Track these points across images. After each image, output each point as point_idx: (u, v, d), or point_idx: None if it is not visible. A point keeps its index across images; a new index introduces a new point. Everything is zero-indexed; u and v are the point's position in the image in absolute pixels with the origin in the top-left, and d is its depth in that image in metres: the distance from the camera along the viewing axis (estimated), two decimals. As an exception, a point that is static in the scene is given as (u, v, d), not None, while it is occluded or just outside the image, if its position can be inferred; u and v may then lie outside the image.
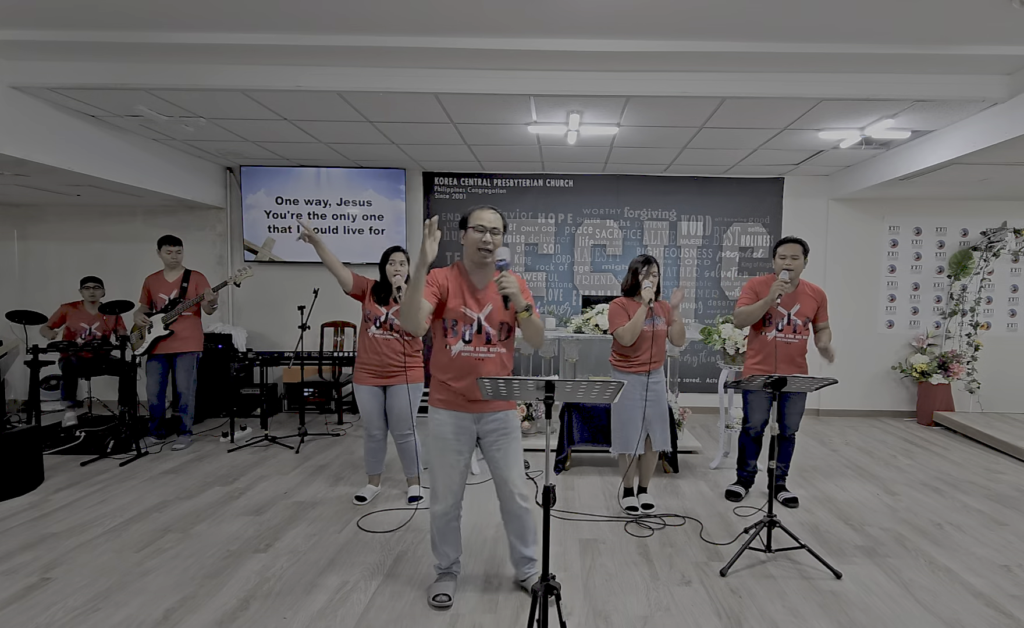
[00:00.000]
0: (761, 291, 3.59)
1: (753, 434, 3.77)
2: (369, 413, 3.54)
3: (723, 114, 4.25)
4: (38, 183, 5.08)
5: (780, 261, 3.53)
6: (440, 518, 2.53)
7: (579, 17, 3.15)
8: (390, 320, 3.46)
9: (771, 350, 3.57)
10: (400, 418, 3.53)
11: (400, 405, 3.50)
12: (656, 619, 2.43)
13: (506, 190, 6.44)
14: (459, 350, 2.42)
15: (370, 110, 4.35)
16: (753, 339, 3.70)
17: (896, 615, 2.49)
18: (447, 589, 2.55)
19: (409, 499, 3.66)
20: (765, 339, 3.61)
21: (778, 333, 3.57)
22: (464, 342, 2.42)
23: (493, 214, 2.41)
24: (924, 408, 6.09)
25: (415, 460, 3.67)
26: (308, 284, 6.09)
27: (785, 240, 3.55)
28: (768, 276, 3.66)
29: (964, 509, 3.70)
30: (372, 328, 3.48)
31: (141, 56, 3.63)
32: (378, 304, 3.49)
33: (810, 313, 3.59)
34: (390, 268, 3.43)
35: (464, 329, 2.42)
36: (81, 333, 5.24)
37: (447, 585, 2.58)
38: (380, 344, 3.46)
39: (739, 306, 3.65)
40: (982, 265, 6.17)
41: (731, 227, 6.41)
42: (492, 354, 2.43)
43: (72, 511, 3.45)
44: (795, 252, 3.49)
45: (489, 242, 2.38)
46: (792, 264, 3.48)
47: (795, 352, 3.58)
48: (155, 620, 2.36)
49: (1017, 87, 3.67)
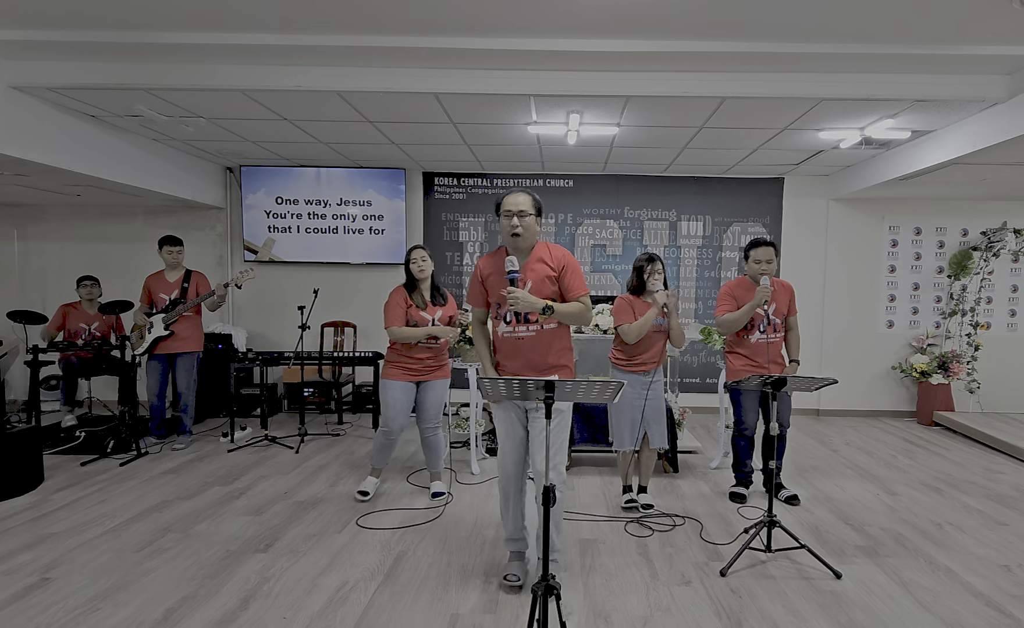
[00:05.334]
0: (738, 294, 3.63)
1: (748, 435, 3.77)
2: (397, 408, 3.57)
3: (723, 114, 4.25)
4: (38, 183, 5.08)
5: (755, 265, 3.57)
6: (503, 491, 2.63)
7: (579, 17, 3.15)
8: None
9: (760, 351, 3.60)
10: (433, 412, 3.64)
11: (435, 399, 3.63)
12: (656, 619, 2.43)
13: (506, 190, 6.42)
14: (502, 332, 2.54)
15: (370, 110, 4.35)
16: (737, 343, 3.72)
17: (896, 615, 2.49)
18: (516, 571, 2.64)
19: (432, 495, 3.69)
20: (751, 342, 3.65)
21: (761, 335, 3.61)
22: (505, 323, 2.53)
23: (522, 196, 2.50)
24: (924, 408, 6.09)
25: (441, 453, 3.76)
26: (308, 284, 6.10)
27: (758, 243, 3.60)
28: (742, 279, 3.69)
29: (964, 509, 3.70)
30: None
31: (141, 56, 3.63)
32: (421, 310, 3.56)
33: (785, 310, 3.67)
34: (413, 266, 3.55)
35: (505, 311, 2.52)
36: (81, 334, 5.24)
37: (517, 566, 2.66)
38: (414, 351, 3.57)
39: (720, 314, 3.67)
40: (982, 265, 6.17)
41: (731, 227, 6.41)
42: (531, 332, 2.50)
43: (72, 511, 3.45)
44: (769, 255, 3.56)
45: (517, 225, 2.46)
46: (767, 268, 3.54)
47: (777, 349, 3.65)
48: (155, 620, 2.36)
49: (1017, 87, 3.67)
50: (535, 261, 2.53)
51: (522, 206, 2.46)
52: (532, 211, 2.49)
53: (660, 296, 3.29)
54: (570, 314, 2.49)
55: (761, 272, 3.53)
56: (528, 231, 2.48)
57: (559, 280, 2.53)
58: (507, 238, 2.50)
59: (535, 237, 2.55)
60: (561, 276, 2.53)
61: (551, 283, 2.51)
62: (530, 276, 2.50)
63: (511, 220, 2.46)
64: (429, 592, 2.61)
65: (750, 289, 3.61)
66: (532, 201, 2.51)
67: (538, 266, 2.52)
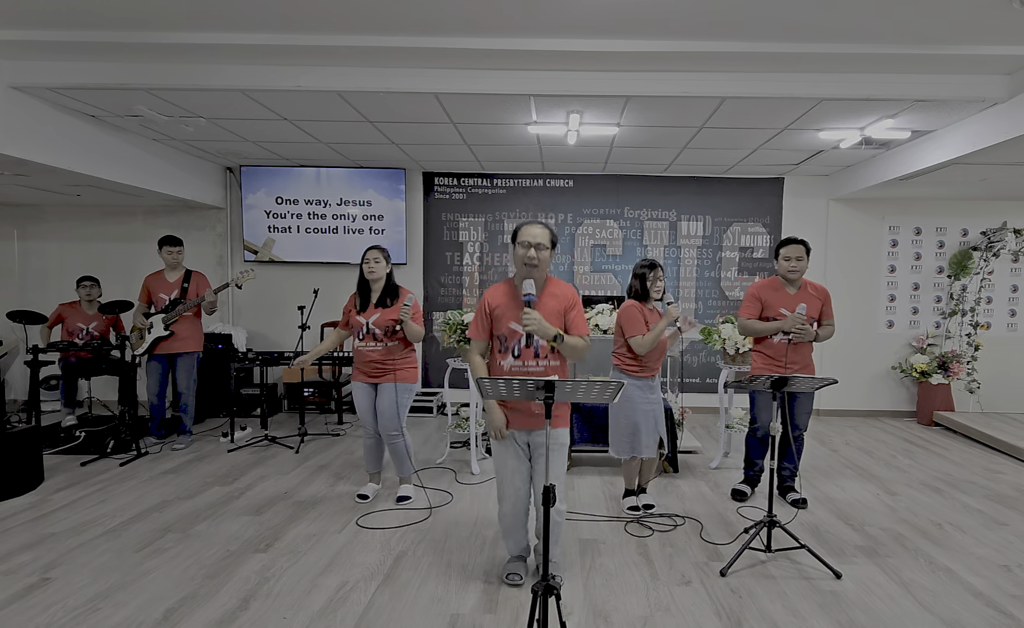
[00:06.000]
0: (764, 296, 3.59)
1: (760, 434, 3.76)
2: (363, 410, 3.56)
3: (723, 114, 4.25)
4: (38, 183, 5.08)
5: (784, 262, 3.53)
6: (505, 518, 2.64)
7: (579, 17, 3.15)
8: (371, 330, 3.46)
9: (780, 351, 3.57)
10: (386, 417, 3.49)
11: (386, 404, 3.48)
12: (656, 619, 2.43)
13: (506, 190, 6.44)
14: (509, 366, 2.52)
15: (370, 110, 4.35)
16: (760, 341, 3.70)
17: (896, 615, 2.49)
18: (519, 569, 2.69)
19: (397, 498, 3.65)
20: (772, 343, 3.61)
21: (784, 336, 3.56)
22: (514, 357, 2.53)
23: (540, 229, 2.52)
24: (924, 408, 6.09)
25: (406, 460, 3.65)
26: (308, 284, 6.10)
27: (788, 241, 3.55)
28: (772, 280, 3.65)
29: (964, 509, 3.70)
30: (356, 340, 3.52)
31: (141, 56, 3.63)
32: (359, 313, 3.50)
33: (815, 313, 3.59)
34: (365, 266, 3.47)
35: (513, 344, 2.52)
36: (79, 334, 5.24)
37: (518, 565, 2.71)
38: (365, 353, 3.49)
39: (743, 316, 3.65)
40: (982, 265, 6.17)
41: (731, 227, 6.41)
42: (540, 367, 2.52)
43: (72, 511, 3.45)
44: (799, 253, 3.49)
45: (534, 257, 2.47)
46: (797, 265, 3.49)
47: (803, 351, 3.59)
48: (155, 620, 2.36)
49: (1017, 87, 3.67)
50: (547, 296, 2.56)
51: (539, 239, 2.49)
52: (548, 245, 2.52)
53: (673, 310, 3.25)
54: (574, 348, 2.52)
55: (790, 270, 3.49)
56: (543, 264, 2.51)
57: (565, 316, 2.57)
58: (520, 267, 2.52)
59: (546, 271, 2.59)
60: (568, 312, 2.57)
61: (559, 318, 2.55)
62: (541, 310, 2.52)
63: (528, 251, 2.47)
64: (429, 592, 2.61)
65: (778, 289, 3.59)
66: (549, 235, 2.54)
67: (550, 301, 2.56)
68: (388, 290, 3.49)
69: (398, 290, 3.52)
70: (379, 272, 3.46)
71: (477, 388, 2.09)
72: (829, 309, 3.63)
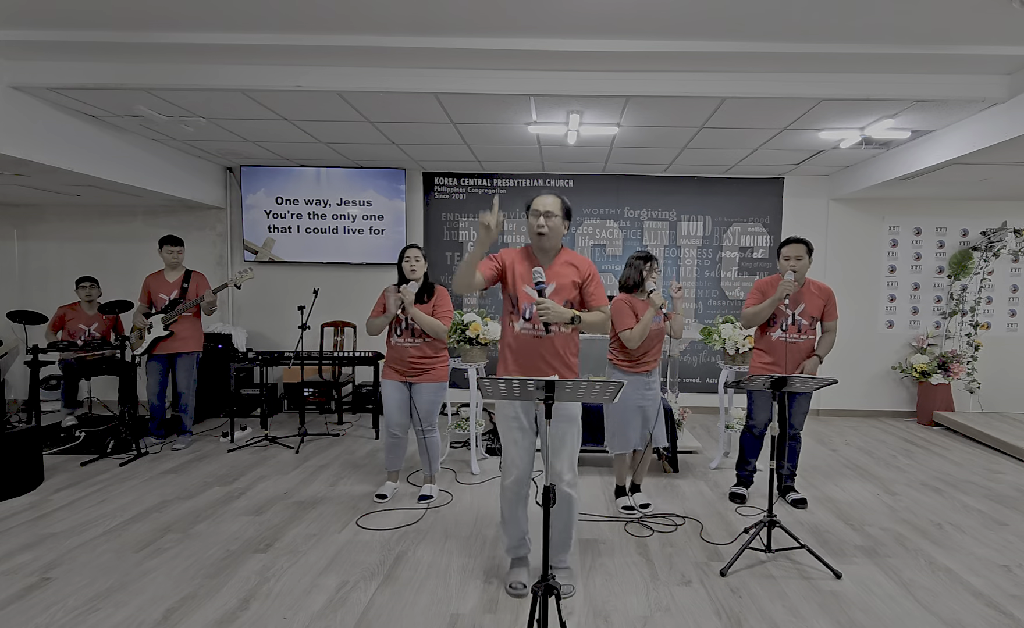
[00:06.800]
0: (768, 292, 3.59)
1: (757, 433, 3.76)
2: (391, 408, 3.56)
3: (723, 114, 4.25)
4: (38, 183, 5.08)
5: (784, 262, 3.53)
6: (507, 491, 2.60)
7: (579, 17, 3.15)
8: (410, 326, 3.49)
9: (778, 350, 3.57)
10: (424, 415, 3.58)
11: (425, 401, 3.56)
12: (656, 619, 2.43)
13: (506, 190, 6.44)
14: (520, 328, 2.53)
15: (370, 110, 4.35)
16: (759, 339, 3.71)
17: (896, 615, 2.49)
18: (522, 577, 2.63)
19: (419, 497, 3.66)
20: (771, 339, 3.61)
21: (782, 333, 3.57)
22: (524, 320, 2.53)
23: (551, 198, 2.54)
24: (924, 408, 6.09)
25: (434, 458, 3.70)
26: (308, 284, 6.10)
27: (789, 240, 3.56)
28: (775, 277, 3.66)
29: (964, 509, 3.70)
30: (394, 337, 3.53)
31: (141, 56, 3.63)
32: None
33: (816, 313, 3.58)
34: (406, 265, 3.49)
35: (525, 308, 2.53)
36: (80, 334, 5.24)
37: (521, 573, 2.65)
38: (401, 350, 3.51)
39: (746, 306, 3.66)
40: (982, 265, 6.17)
41: (731, 227, 6.41)
42: (550, 333, 2.50)
43: (72, 511, 3.45)
44: (799, 252, 3.50)
45: (543, 225, 2.49)
46: (796, 264, 3.48)
47: (802, 352, 3.57)
48: (155, 620, 2.36)
49: (1017, 87, 3.67)
50: (560, 264, 2.57)
51: (549, 207, 2.50)
52: (559, 213, 2.53)
53: (656, 297, 3.26)
54: (594, 324, 2.54)
55: (790, 269, 3.50)
56: (553, 232, 2.51)
57: (583, 288, 2.57)
58: (533, 237, 2.55)
59: (560, 240, 2.59)
60: (586, 284, 2.58)
61: (574, 288, 2.55)
62: (554, 278, 2.52)
63: (537, 219, 2.49)
64: (429, 592, 2.61)
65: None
66: (560, 204, 2.54)
67: (563, 269, 2.56)
68: (425, 287, 3.55)
69: (434, 288, 3.58)
70: (419, 271, 3.50)
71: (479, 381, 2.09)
72: (832, 309, 3.60)
